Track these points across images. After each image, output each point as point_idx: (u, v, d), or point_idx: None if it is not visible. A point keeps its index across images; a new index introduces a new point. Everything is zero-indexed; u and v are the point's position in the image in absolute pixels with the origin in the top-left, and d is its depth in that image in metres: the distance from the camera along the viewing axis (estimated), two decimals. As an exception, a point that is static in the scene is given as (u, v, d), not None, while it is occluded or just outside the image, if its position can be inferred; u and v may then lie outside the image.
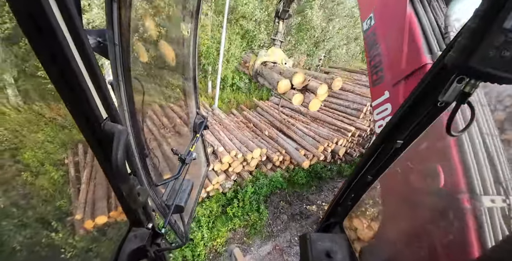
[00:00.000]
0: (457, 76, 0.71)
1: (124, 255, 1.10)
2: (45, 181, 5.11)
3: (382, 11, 1.85)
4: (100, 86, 0.69)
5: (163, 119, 2.97)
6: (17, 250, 3.91)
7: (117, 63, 0.86)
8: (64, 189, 5.06)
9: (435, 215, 1.55)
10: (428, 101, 0.87)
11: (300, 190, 6.84)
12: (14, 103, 7.62)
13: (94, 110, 0.70)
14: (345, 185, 1.41)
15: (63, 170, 5.53)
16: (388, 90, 1.77)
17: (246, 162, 6.47)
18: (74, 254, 3.96)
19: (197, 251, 4.61)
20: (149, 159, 1.23)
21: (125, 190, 0.84)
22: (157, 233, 1.26)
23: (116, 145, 0.70)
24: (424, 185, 1.50)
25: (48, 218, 4.34)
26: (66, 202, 4.75)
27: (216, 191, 5.91)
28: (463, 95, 0.74)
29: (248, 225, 5.57)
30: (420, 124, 0.97)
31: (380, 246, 1.81)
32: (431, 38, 1.59)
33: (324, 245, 1.40)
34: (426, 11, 1.68)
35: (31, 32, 0.51)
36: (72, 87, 0.62)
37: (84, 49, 0.61)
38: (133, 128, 1.08)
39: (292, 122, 8.02)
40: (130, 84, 0.96)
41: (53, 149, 6.07)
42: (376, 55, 1.87)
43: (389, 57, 1.76)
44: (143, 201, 0.95)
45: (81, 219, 4.08)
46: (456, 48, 0.66)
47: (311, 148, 6.89)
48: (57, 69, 0.58)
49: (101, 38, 0.82)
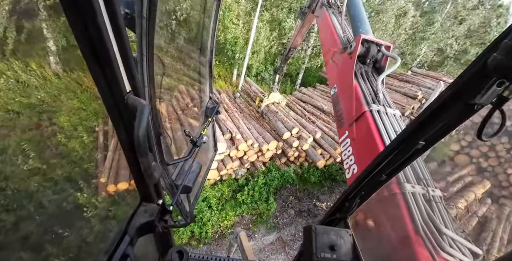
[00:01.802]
0: (498, 79, 0.68)
1: (133, 228, 1.12)
2: (76, 144, 5.52)
3: (341, 83, 2.96)
4: (127, 59, 0.68)
5: (177, 100, 3.06)
6: (44, 206, 4.30)
7: (142, 37, 0.84)
8: (92, 153, 5.44)
9: (384, 206, 1.90)
10: (460, 102, 0.83)
11: (312, 188, 6.82)
12: (55, 70, 8.17)
13: (118, 82, 0.69)
14: (357, 181, 1.39)
15: (93, 136, 5.93)
16: (347, 130, 2.59)
17: (261, 153, 6.54)
18: (94, 213, 4.29)
19: (205, 230, 4.82)
20: (162, 138, 1.23)
21: (144, 165, 0.84)
22: (166, 209, 1.27)
23: (139, 119, 0.69)
24: None
25: (75, 178, 4.72)
26: (93, 165, 5.12)
27: (229, 176, 6.06)
28: (500, 99, 0.71)
29: (255, 214, 5.70)
30: (447, 125, 0.92)
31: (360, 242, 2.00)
32: (368, 97, 2.57)
33: (328, 238, 1.40)
34: (364, 82, 2.75)
35: (66, 1, 0.51)
36: (99, 57, 0.62)
37: (116, 20, 0.59)
38: (151, 104, 1.06)
39: (313, 119, 7.91)
40: (152, 60, 0.94)
41: (86, 116, 6.50)
42: (339, 109, 2.84)
43: (346, 110, 2.70)
44: (157, 177, 0.94)
45: (105, 183, 4.40)
46: (502, 49, 0.63)
47: (329, 148, 6.79)
48: (87, 38, 0.58)
49: (129, 10, 0.79)
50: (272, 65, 11.98)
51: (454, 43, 12.91)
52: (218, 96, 8.18)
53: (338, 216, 1.60)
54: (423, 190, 1.83)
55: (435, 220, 1.64)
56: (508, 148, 8.07)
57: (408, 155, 1.08)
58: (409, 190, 1.78)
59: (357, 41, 2.78)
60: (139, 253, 1.25)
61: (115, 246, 1.04)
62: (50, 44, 8.10)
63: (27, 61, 7.55)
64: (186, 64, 2.17)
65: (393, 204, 1.81)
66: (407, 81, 9.17)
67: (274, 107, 7.59)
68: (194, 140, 1.60)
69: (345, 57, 2.96)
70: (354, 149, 2.42)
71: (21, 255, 3.56)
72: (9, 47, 7.17)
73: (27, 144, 5.16)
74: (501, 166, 8.11)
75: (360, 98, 2.55)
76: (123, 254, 1.04)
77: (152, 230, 1.21)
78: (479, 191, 6.87)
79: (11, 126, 5.83)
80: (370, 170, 1.28)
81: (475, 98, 0.77)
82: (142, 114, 0.70)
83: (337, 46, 3.20)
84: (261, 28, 10.39)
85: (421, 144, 1.01)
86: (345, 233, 1.45)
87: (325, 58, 3.52)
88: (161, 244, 1.53)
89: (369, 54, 2.86)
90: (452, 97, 0.85)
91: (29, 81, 7.08)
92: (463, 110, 0.84)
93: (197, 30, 1.87)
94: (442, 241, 1.54)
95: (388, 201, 1.88)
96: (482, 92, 0.74)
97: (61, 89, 7.37)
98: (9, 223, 3.86)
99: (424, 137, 0.99)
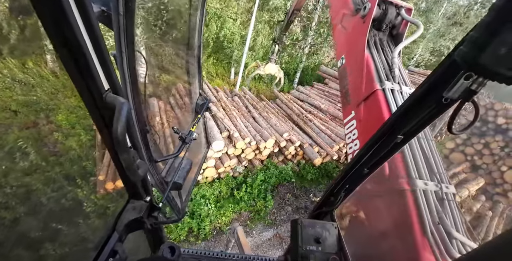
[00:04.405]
0: (465, 72, 0.68)
1: (122, 224, 1.12)
2: (74, 142, 5.53)
3: (349, 54, 2.53)
4: (103, 57, 0.68)
5: (167, 98, 3.05)
6: (42, 202, 4.31)
7: (120, 34, 0.83)
8: (90, 152, 5.45)
9: (386, 202, 1.78)
10: (433, 97, 0.84)
11: (309, 186, 6.89)
12: (52, 68, 8.14)
13: (96, 81, 0.68)
14: (341, 175, 1.42)
15: (91, 135, 5.93)
16: (353, 110, 2.26)
17: (259, 151, 6.58)
18: (89, 211, 4.30)
19: (203, 226, 4.87)
20: (149, 135, 1.22)
21: (125, 162, 0.83)
22: (154, 206, 1.28)
23: (117, 117, 0.69)
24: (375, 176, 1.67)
25: (73, 175, 4.74)
26: (91, 163, 5.14)
27: (227, 174, 6.11)
28: (468, 92, 0.70)
29: (253, 211, 5.75)
30: (422, 120, 0.94)
31: (350, 234, 1.93)
32: (381, 72, 2.18)
33: (314, 231, 1.44)
34: (378, 53, 2.34)
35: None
36: (74, 55, 0.61)
37: (88, 17, 0.58)
38: (135, 102, 1.05)
39: (310, 118, 7.97)
40: (133, 57, 0.92)
41: (83, 115, 6.50)
42: (345, 84, 2.45)
43: (354, 85, 2.32)
44: (142, 175, 0.94)
45: (103, 180, 4.42)
46: (467, 42, 0.62)
47: (326, 146, 6.86)
48: (60, 37, 0.56)
49: (106, 7, 0.77)
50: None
51: (450, 45, 13.02)
52: (216, 94, 8.20)
53: (324, 209, 1.64)
54: (436, 187, 1.64)
55: (446, 222, 1.50)
56: (502, 146, 8.19)
57: (388, 149, 1.12)
58: (421, 187, 1.60)
59: (372, 1, 2.28)
60: (131, 250, 1.29)
61: (104, 242, 1.06)
62: (47, 42, 8.06)
63: (24, 59, 7.52)
64: (174, 60, 2.13)
65: (400, 201, 1.64)
66: (403, 80, 9.26)
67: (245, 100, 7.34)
68: (183, 137, 1.59)
69: (357, 21, 2.45)
70: (360, 132, 2.12)
71: (9, 252, 3.56)
72: (6, 45, 7.14)
73: (24, 142, 5.16)
74: (495, 163, 8.23)
75: (371, 73, 2.14)
76: (112, 250, 1.06)
77: (141, 227, 1.23)
78: (473, 188, 6.98)
79: (8, 124, 5.83)
80: (353, 164, 1.31)
81: (445, 92, 0.77)
82: (121, 112, 0.69)
83: (348, 6, 2.64)
84: (258, 27, 10.41)
85: (400, 138, 1.04)
86: (331, 226, 1.49)
87: (333, 22, 2.96)
88: (153, 240, 1.55)
89: (386, 18, 2.36)
90: (426, 91, 0.87)
91: (26, 79, 7.06)
92: (437, 104, 0.85)
93: (183, 26, 1.84)
94: (451, 246, 1.40)
95: (394, 197, 1.72)
96: (451, 86, 0.73)
97: (58, 87, 7.35)
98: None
99: (403, 131, 1.02)
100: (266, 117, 7.62)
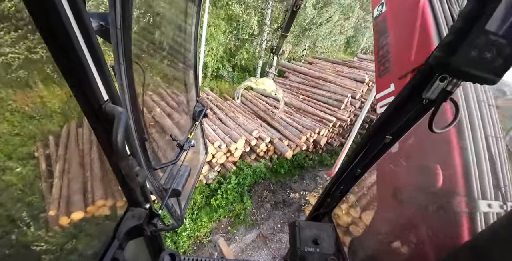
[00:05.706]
0: (440, 74, 0.74)
1: (122, 232, 1.15)
2: (13, 176, 4.75)
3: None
4: (101, 69, 0.72)
5: (165, 106, 2.89)
6: None
7: (118, 47, 0.88)
8: (35, 184, 4.75)
9: (430, 214, 1.50)
10: (415, 99, 0.90)
11: (283, 179, 7.02)
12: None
13: (95, 92, 0.73)
14: (335, 177, 1.45)
15: (32, 164, 5.16)
16: (394, 83, 1.63)
17: (230, 153, 6.46)
18: (48, 249, 3.79)
19: (181, 243, 4.63)
20: (148, 143, 1.26)
21: (125, 170, 0.87)
22: (154, 213, 1.30)
23: (116, 126, 0.73)
24: (421, 183, 1.48)
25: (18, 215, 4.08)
26: (37, 197, 4.47)
27: (200, 182, 5.88)
28: (445, 93, 0.76)
29: (233, 215, 5.66)
30: (408, 121, 1.00)
31: (370, 239, 1.91)
32: (444, 31, 1.40)
33: (312, 232, 1.47)
34: (441, 2, 1.53)
35: (35, 12, 0.52)
36: (74, 68, 0.65)
37: (87, 31, 0.62)
38: (133, 112, 1.10)
39: (275, 112, 8.05)
40: (131, 68, 0.98)
41: (20, 141, 5.61)
42: (385, 44, 1.70)
43: (398, 47, 1.62)
44: (141, 182, 0.98)
45: (55, 215, 3.88)
46: (440, 46, 0.68)
47: (294, 138, 7.01)
48: (60, 51, 0.60)
49: (104, 22, 0.83)
50: (229, 62, 11.75)
51: None
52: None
53: (322, 211, 1.67)
54: (500, 209, 1.32)
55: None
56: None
57: (378, 150, 1.16)
58: (483, 210, 1.29)
59: None
60: (132, 257, 1.30)
61: (104, 250, 1.09)
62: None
63: None
64: (171, 69, 2.11)
65: (451, 221, 1.36)
66: (355, 67, 9.83)
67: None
68: (181, 144, 1.64)
69: None
70: None
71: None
72: None
73: None
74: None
75: (429, 28, 1.44)
76: (113, 258, 1.08)
77: (141, 234, 1.25)
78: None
79: None
80: (345, 165, 1.35)
81: (423, 93, 0.83)
82: (120, 121, 0.73)
83: None
84: (217, 24, 10.03)
85: (389, 138, 1.08)
86: (328, 227, 1.51)
87: None
88: (153, 247, 1.58)
89: None
90: (408, 94, 0.92)
91: None
92: (420, 105, 0.90)
93: (179, 36, 1.85)
94: None
95: (444, 216, 1.42)
96: (428, 88, 0.79)
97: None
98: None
99: (391, 132, 1.07)
100: (233, 117, 7.49)
